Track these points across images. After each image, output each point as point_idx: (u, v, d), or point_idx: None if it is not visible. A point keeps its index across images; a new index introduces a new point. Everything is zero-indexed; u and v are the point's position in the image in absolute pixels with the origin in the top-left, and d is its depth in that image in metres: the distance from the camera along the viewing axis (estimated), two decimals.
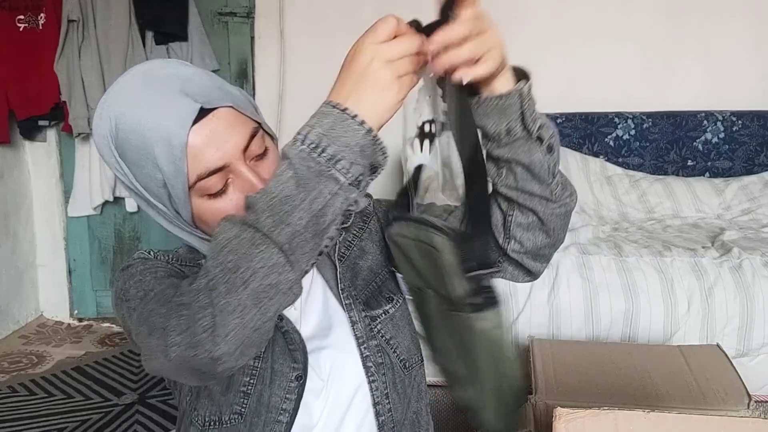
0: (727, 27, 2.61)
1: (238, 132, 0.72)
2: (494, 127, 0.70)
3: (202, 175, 0.70)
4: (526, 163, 0.72)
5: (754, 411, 1.19)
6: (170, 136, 0.68)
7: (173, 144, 0.68)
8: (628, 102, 2.62)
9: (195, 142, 0.69)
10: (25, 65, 2.66)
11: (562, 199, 0.76)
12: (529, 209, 0.76)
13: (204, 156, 0.70)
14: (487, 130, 0.71)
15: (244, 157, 0.72)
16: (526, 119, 0.69)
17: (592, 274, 1.74)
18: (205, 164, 0.70)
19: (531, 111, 0.69)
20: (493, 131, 0.70)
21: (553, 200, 0.75)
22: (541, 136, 0.71)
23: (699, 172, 2.54)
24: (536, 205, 0.75)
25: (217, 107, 0.71)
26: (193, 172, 0.70)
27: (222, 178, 0.71)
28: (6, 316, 2.82)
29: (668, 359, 1.36)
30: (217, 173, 0.71)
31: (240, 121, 0.73)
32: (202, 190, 0.71)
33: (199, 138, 0.69)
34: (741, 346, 1.70)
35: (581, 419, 0.60)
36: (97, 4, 2.62)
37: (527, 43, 2.69)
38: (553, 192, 0.74)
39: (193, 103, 0.69)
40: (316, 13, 2.77)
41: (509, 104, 0.68)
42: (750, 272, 1.72)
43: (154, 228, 3.01)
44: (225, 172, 0.71)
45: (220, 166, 0.70)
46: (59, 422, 2.09)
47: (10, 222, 2.82)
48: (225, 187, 0.72)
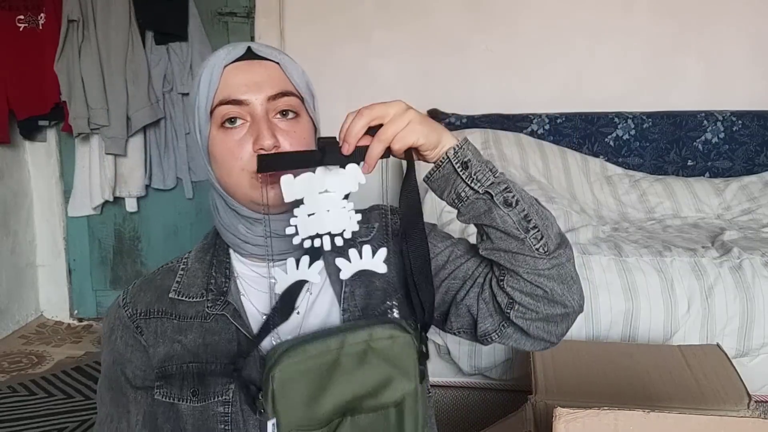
0: (727, 27, 2.61)
1: (273, 83, 0.78)
2: (447, 196, 0.75)
3: (223, 100, 0.77)
4: (490, 223, 0.74)
5: (754, 411, 1.19)
6: (216, 63, 0.78)
7: (214, 69, 0.78)
8: (628, 102, 2.62)
9: (231, 72, 0.78)
10: (25, 65, 2.66)
11: (550, 255, 0.74)
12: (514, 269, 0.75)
13: (233, 85, 0.77)
14: (446, 200, 0.76)
15: (267, 104, 0.77)
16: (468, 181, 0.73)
17: (592, 274, 1.74)
18: (230, 92, 0.77)
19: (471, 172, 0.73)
20: (449, 200, 0.76)
21: (537, 256, 0.74)
22: (491, 192, 0.73)
23: (699, 172, 2.54)
24: (521, 263, 0.74)
25: (266, 58, 0.79)
26: (219, 95, 0.77)
27: (240, 112, 0.77)
28: (6, 316, 2.82)
29: (668, 359, 1.36)
30: (236, 105, 0.77)
31: (279, 77, 0.79)
32: (219, 115, 0.78)
33: (236, 71, 0.78)
34: (741, 346, 1.70)
35: (581, 419, 0.60)
36: (97, 4, 2.62)
37: (528, 43, 2.70)
38: (532, 247, 0.73)
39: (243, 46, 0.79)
40: (316, 13, 2.77)
41: (447, 171, 0.74)
42: (750, 272, 1.72)
43: (155, 228, 3.01)
44: (244, 108, 0.77)
45: (240, 99, 0.77)
46: (59, 422, 2.09)
47: (10, 222, 2.82)
48: (238, 123, 0.77)
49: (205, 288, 0.84)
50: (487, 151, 2.39)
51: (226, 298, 0.83)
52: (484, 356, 1.76)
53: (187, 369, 0.81)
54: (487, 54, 2.73)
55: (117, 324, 0.85)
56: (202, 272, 0.85)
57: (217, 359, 0.81)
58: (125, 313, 0.84)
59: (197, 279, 0.85)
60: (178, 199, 2.96)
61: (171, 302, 0.84)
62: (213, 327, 0.82)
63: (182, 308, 0.83)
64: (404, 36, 2.74)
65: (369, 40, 2.74)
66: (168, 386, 0.81)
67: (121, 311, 0.85)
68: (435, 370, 1.81)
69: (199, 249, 0.89)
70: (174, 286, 0.85)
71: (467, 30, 2.71)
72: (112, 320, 0.86)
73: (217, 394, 0.80)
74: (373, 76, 2.74)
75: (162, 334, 0.83)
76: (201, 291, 0.84)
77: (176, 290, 0.84)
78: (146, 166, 2.87)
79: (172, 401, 0.81)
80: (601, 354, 1.40)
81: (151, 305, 0.84)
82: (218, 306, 0.82)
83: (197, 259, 0.87)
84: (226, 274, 0.85)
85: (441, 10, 2.71)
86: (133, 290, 0.86)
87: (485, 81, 2.73)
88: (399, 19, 2.73)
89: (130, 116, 2.69)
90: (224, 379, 0.80)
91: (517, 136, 2.49)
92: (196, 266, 0.86)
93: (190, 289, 0.84)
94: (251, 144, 0.76)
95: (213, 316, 0.82)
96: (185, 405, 0.80)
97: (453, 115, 2.63)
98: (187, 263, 0.87)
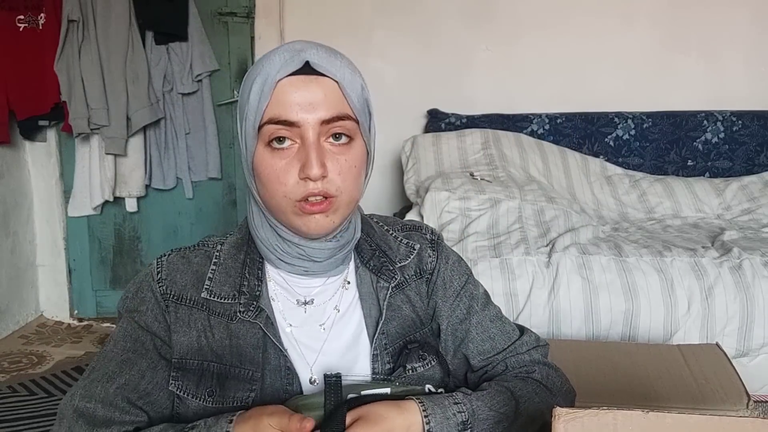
0: (727, 27, 2.61)
1: (329, 105, 0.73)
2: None
3: (273, 119, 0.72)
4: None
5: (753, 411, 1.19)
6: (270, 74, 0.73)
7: (267, 81, 0.72)
8: (628, 102, 2.62)
9: (286, 87, 0.72)
10: (25, 65, 2.66)
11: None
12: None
13: (285, 103, 0.72)
14: None
15: (320, 128, 0.73)
16: None
17: (592, 274, 1.74)
18: (281, 111, 0.72)
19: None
20: None
21: None
22: None
23: (699, 172, 2.54)
24: None
25: (324, 75, 0.73)
26: (270, 111, 0.73)
27: (289, 133, 0.73)
28: (6, 316, 2.82)
29: (668, 358, 1.36)
30: (287, 126, 0.73)
31: (337, 98, 0.74)
32: (267, 133, 0.73)
33: (292, 87, 0.72)
34: (741, 346, 1.70)
35: (580, 419, 0.60)
36: (97, 4, 2.62)
37: (528, 42, 2.70)
38: None
39: (304, 58, 0.72)
40: (316, 13, 2.77)
41: None
42: (750, 272, 1.72)
43: (155, 228, 3.01)
44: (294, 130, 0.73)
45: (292, 121, 0.72)
46: None
47: (10, 222, 2.82)
48: (286, 144, 0.73)
49: (238, 290, 0.82)
50: (487, 151, 2.39)
51: (258, 304, 0.81)
52: None
53: (208, 367, 0.80)
54: (487, 54, 2.73)
55: (149, 296, 0.82)
56: (235, 271, 0.83)
57: (242, 364, 0.79)
58: (158, 288, 0.81)
59: (229, 278, 0.83)
60: (178, 199, 2.97)
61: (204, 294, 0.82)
62: (239, 329, 0.81)
63: (213, 305, 0.82)
64: (404, 36, 2.74)
65: (369, 40, 2.74)
66: (184, 379, 0.80)
67: (155, 285, 0.82)
68: None
69: (232, 244, 0.86)
70: (206, 283, 0.82)
71: (467, 30, 2.71)
72: (144, 291, 0.82)
73: (237, 399, 0.79)
74: (373, 76, 2.73)
75: (189, 324, 0.81)
76: (233, 292, 0.82)
77: (208, 288, 0.82)
78: (146, 166, 2.87)
79: (186, 395, 0.79)
80: (600, 353, 1.40)
81: (185, 291, 0.82)
82: (251, 312, 0.80)
83: (230, 255, 0.84)
84: (258, 276, 0.83)
85: (441, 10, 2.71)
86: (168, 265, 0.83)
87: (485, 81, 2.73)
88: (399, 19, 2.73)
89: (130, 116, 2.69)
90: (246, 385, 0.79)
91: (517, 136, 2.49)
92: (229, 263, 0.84)
93: (222, 288, 0.82)
94: (298, 169, 0.73)
95: (244, 320, 0.81)
96: (196, 402, 0.79)
97: (453, 115, 2.64)
98: (221, 256, 0.84)
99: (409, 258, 0.88)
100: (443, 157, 2.40)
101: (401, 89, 2.73)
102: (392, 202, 2.82)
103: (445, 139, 2.47)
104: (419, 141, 2.49)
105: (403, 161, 2.47)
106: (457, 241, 1.89)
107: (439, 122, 2.63)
